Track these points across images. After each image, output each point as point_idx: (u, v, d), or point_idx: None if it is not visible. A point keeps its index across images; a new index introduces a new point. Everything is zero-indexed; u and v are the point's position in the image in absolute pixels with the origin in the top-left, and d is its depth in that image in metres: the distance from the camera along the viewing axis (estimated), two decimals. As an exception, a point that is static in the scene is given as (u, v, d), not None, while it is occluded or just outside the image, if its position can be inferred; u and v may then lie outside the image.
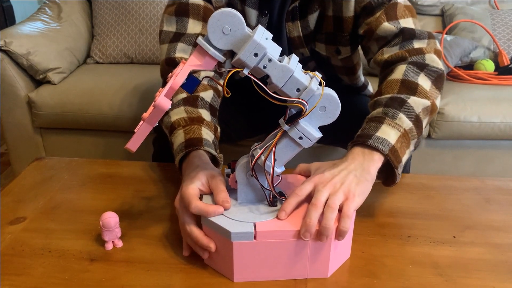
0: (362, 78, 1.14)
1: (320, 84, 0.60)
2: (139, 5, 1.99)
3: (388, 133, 0.70)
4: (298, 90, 0.59)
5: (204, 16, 0.91)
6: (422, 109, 0.75)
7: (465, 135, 1.66)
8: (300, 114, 0.60)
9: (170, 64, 0.89)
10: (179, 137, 0.78)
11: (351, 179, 0.64)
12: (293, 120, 0.60)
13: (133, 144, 0.58)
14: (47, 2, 2.08)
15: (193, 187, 0.65)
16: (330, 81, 0.64)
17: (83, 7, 2.10)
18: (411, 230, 0.74)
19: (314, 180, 0.64)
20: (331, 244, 0.61)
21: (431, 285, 0.63)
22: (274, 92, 0.59)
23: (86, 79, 1.81)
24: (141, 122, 0.58)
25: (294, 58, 0.60)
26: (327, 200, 0.62)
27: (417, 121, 0.74)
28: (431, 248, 0.70)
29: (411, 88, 0.77)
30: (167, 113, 0.83)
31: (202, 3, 0.91)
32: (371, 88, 1.20)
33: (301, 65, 0.60)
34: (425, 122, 0.77)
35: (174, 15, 0.91)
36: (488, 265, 0.67)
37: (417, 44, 0.83)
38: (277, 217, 0.62)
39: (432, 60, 0.81)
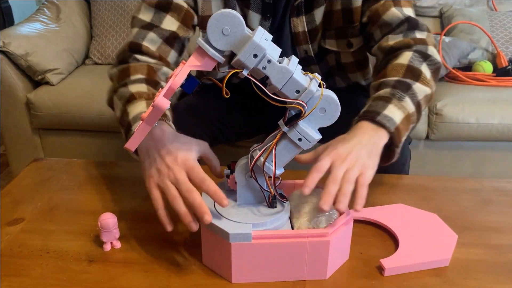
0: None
1: (320, 85, 0.60)
2: (138, 6, 1.99)
3: (395, 113, 0.74)
4: (297, 91, 0.59)
5: (183, 17, 0.90)
6: (423, 96, 0.80)
7: (463, 136, 1.67)
8: (299, 115, 0.60)
9: (133, 49, 0.87)
10: (140, 107, 0.75)
11: (363, 153, 0.67)
12: (293, 121, 0.60)
13: (132, 144, 0.58)
14: (45, 3, 2.08)
15: (194, 158, 0.64)
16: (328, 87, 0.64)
17: (82, 8, 2.10)
18: (410, 231, 0.74)
19: (331, 156, 0.66)
20: (329, 245, 0.61)
21: (429, 286, 0.63)
22: (273, 93, 0.59)
23: (84, 80, 1.81)
24: (140, 122, 0.58)
25: (294, 59, 0.60)
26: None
27: (418, 107, 0.79)
28: (430, 249, 0.70)
29: (416, 74, 0.80)
30: (125, 85, 0.81)
31: (185, 5, 0.90)
32: None
33: (300, 67, 0.60)
34: (423, 108, 0.81)
35: (154, 6, 0.89)
36: (486, 266, 0.67)
37: (419, 35, 0.87)
38: (301, 190, 0.63)
39: (433, 52, 0.86)
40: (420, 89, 0.79)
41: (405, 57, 0.83)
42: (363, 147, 0.68)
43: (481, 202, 0.83)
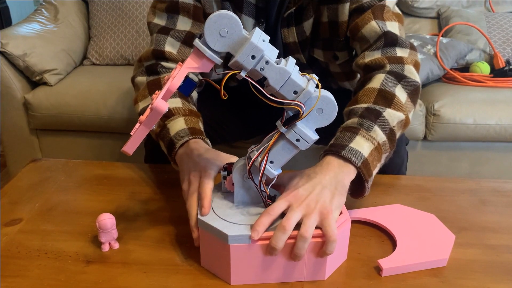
0: None
1: (317, 86, 0.61)
2: (136, 7, 1.99)
3: (362, 145, 0.69)
4: (295, 92, 0.59)
5: (194, 14, 0.91)
6: (396, 122, 0.75)
7: (461, 137, 1.67)
8: (297, 116, 0.60)
9: (157, 56, 0.90)
10: (179, 123, 0.80)
11: (326, 194, 0.63)
12: (290, 122, 0.60)
13: (130, 147, 0.58)
14: (43, 3, 2.08)
15: (211, 171, 0.70)
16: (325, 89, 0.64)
17: (80, 8, 2.09)
18: (407, 232, 0.74)
19: (289, 198, 0.62)
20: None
21: (427, 286, 0.63)
22: (271, 95, 0.59)
23: (82, 81, 1.81)
24: (138, 124, 0.58)
25: (291, 60, 0.60)
26: (300, 219, 0.60)
27: (391, 134, 0.73)
28: (427, 250, 0.70)
29: (388, 98, 0.76)
30: None
31: (192, 2, 0.91)
32: None
33: (298, 68, 0.60)
34: (398, 135, 0.76)
35: (165, 11, 0.91)
36: (483, 266, 0.67)
37: (399, 52, 0.83)
38: (249, 237, 0.59)
39: (411, 72, 0.81)
40: (393, 116, 0.74)
41: (377, 80, 0.78)
42: (325, 187, 0.63)
43: (478, 203, 0.83)
